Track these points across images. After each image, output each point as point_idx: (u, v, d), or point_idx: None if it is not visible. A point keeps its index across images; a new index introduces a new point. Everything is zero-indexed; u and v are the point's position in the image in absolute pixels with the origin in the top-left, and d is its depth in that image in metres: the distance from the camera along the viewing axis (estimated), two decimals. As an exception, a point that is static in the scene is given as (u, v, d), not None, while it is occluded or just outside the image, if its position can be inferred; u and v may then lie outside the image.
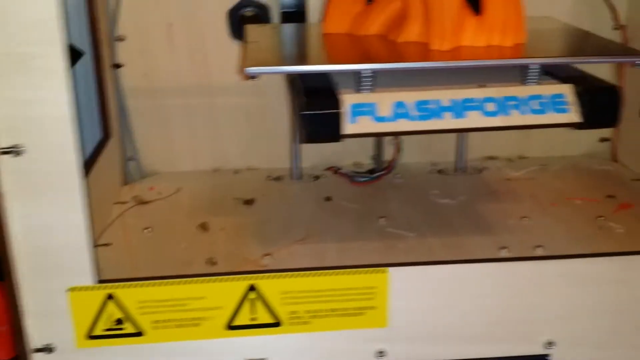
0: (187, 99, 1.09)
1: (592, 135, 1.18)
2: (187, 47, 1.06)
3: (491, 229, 0.91)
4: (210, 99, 1.09)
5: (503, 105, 0.72)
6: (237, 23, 1.05)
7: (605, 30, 1.10)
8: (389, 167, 1.09)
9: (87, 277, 0.67)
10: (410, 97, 0.72)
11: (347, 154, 1.14)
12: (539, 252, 0.82)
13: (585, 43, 0.84)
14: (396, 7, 0.84)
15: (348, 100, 0.72)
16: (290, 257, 0.83)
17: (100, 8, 0.98)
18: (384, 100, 0.72)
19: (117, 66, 1.04)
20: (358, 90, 0.74)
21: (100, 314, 0.68)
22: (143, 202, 1.01)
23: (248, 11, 1.07)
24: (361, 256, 0.83)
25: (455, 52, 0.77)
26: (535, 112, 0.72)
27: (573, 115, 0.73)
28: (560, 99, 0.73)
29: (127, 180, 1.10)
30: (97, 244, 0.87)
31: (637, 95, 1.10)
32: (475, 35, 0.78)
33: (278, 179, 1.10)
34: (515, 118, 0.72)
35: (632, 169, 1.13)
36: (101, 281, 0.70)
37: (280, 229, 0.92)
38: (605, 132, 1.17)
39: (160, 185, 1.07)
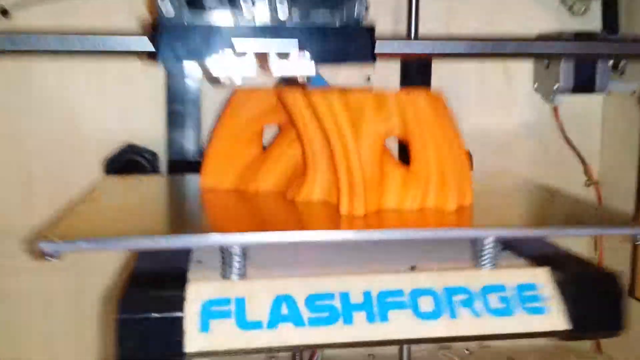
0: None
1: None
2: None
3: None
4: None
5: (446, 301, 0.46)
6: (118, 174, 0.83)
7: (576, 187, 0.91)
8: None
9: None
10: (299, 287, 0.46)
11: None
12: None
13: (556, 207, 0.60)
14: (296, 155, 0.60)
15: (197, 293, 0.44)
16: None
17: None
18: (257, 294, 0.45)
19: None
20: (222, 274, 0.47)
21: None
22: None
23: (130, 160, 0.85)
24: None
25: (374, 218, 0.52)
26: (496, 312, 0.46)
27: (554, 317, 0.46)
28: (532, 291, 0.47)
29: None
30: None
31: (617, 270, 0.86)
32: (402, 194, 0.54)
33: None
34: (467, 322, 0.46)
35: None
36: None
37: None
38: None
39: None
